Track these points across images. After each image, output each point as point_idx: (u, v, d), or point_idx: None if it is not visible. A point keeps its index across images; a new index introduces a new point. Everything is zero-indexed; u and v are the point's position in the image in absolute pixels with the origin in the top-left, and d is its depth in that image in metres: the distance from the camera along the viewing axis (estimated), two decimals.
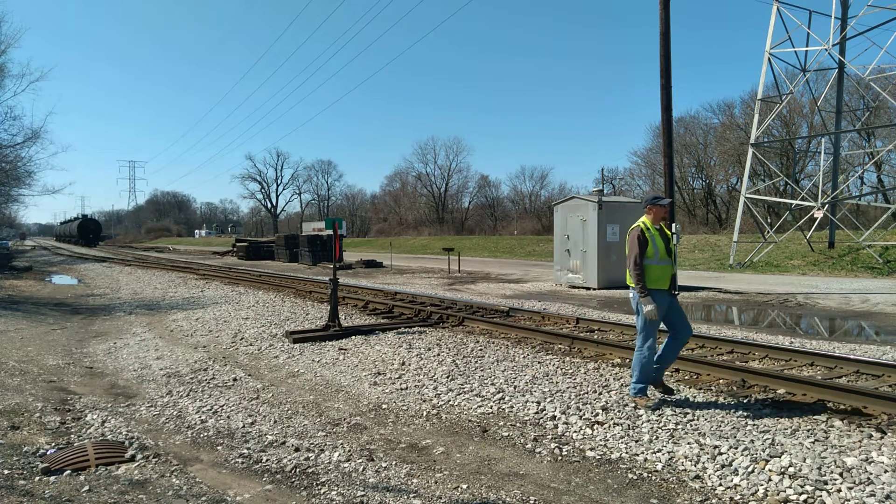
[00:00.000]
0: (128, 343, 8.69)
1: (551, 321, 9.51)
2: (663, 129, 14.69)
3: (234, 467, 3.99)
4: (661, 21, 14.13)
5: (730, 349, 6.99)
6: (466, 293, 14.86)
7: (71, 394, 5.91)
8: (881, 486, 3.34)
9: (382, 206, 79.22)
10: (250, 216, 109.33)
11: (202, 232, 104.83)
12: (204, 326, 9.78)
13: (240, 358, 7.46)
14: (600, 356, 6.96)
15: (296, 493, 3.55)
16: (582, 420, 4.65)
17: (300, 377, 6.42)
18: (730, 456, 3.82)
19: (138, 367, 7.08)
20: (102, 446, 4.27)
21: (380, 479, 3.73)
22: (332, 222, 9.53)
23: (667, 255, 4.96)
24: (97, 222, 73.41)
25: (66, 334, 9.56)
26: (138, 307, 12.79)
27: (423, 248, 42.00)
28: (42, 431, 4.65)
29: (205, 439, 4.56)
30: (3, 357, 7.53)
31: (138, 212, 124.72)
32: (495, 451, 4.19)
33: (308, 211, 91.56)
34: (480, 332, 8.77)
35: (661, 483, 3.60)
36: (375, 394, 5.67)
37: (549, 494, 3.48)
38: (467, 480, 3.69)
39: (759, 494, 3.36)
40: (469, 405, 5.21)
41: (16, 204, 31.25)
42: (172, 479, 3.75)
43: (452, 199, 73.98)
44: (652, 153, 48.25)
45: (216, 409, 5.25)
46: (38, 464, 3.91)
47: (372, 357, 7.08)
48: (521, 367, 6.37)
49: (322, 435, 4.55)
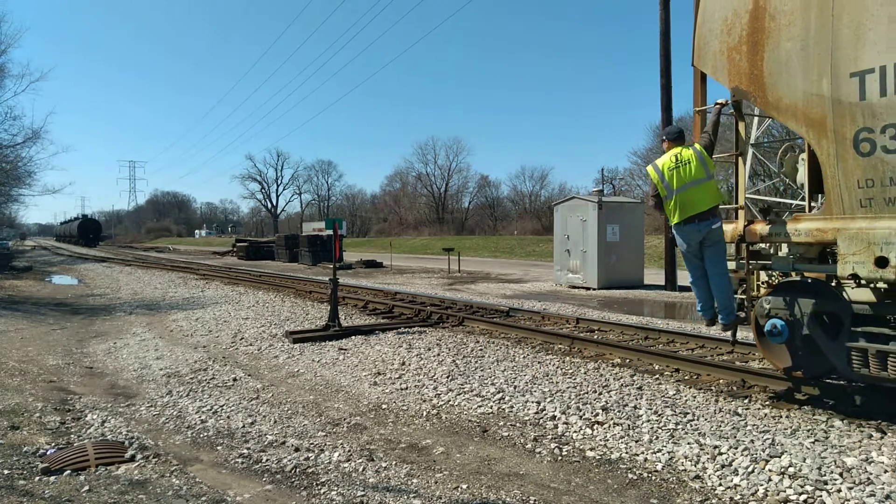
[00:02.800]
0: (128, 343, 8.69)
1: (551, 321, 9.51)
2: (663, 129, 14.68)
3: (233, 467, 3.99)
4: (661, 21, 14.14)
5: (729, 349, 6.99)
6: (466, 293, 14.86)
7: (71, 394, 5.91)
8: (881, 486, 3.34)
9: (382, 206, 79.21)
10: (250, 216, 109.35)
11: (202, 232, 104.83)
12: (204, 326, 9.78)
13: (240, 358, 7.46)
14: (600, 356, 6.96)
15: (296, 493, 3.55)
16: (582, 420, 4.65)
17: (300, 377, 6.42)
18: (730, 456, 3.82)
19: (138, 367, 7.08)
20: (102, 446, 4.27)
21: (380, 479, 3.73)
22: (332, 222, 9.53)
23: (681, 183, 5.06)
24: (97, 222, 73.36)
25: (66, 334, 9.56)
26: (138, 307, 12.79)
27: (423, 248, 42.01)
28: (42, 431, 4.65)
29: (205, 439, 4.56)
30: (3, 357, 7.53)
31: (138, 212, 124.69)
32: (495, 451, 4.19)
33: (308, 211, 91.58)
34: (480, 332, 8.77)
35: (661, 483, 3.60)
36: (375, 394, 5.67)
37: (549, 494, 3.48)
38: (467, 480, 3.69)
39: (759, 494, 3.36)
40: (469, 405, 5.21)
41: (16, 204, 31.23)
42: (172, 479, 3.75)
43: (452, 199, 74.03)
44: (652, 153, 48.26)
45: (216, 409, 5.25)
46: (38, 464, 3.91)
47: (372, 357, 7.08)
48: (521, 367, 6.37)
49: (322, 435, 4.56)
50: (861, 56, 4.17)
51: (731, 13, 5.05)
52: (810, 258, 4.88)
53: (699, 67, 5.45)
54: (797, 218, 4.75)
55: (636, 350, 6.96)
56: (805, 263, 4.90)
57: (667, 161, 5.16)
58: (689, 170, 5.02)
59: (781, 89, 4.69)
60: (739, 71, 4.99)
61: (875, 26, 4.08)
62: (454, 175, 73.23)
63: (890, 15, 4.01)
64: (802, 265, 4.91)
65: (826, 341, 4.69)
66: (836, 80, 4.31)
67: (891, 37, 4.03)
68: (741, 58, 4.97)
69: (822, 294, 4.77)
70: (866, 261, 4.16)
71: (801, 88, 4.55)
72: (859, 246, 4.23)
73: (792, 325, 4.87)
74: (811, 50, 4.46)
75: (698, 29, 5.39)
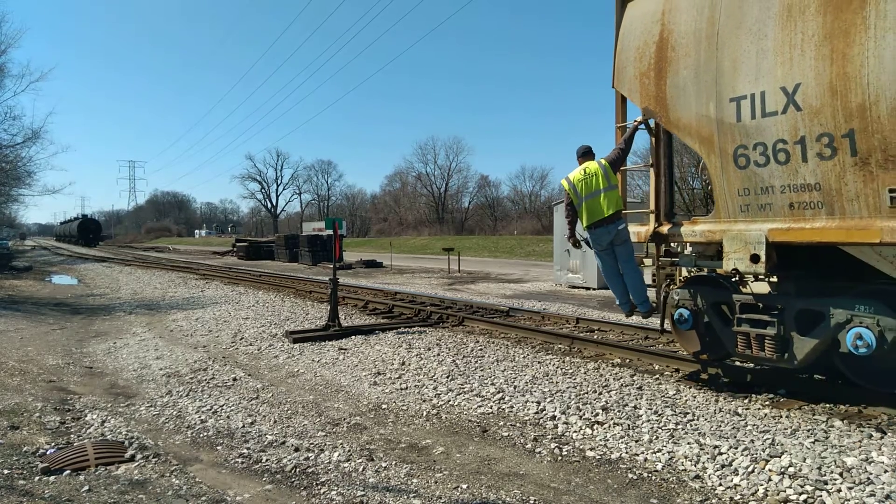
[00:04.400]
0: (128, 343, 8.69)
1: (551, 321, 9.50)
2: None
3: (233, 467, 3.99)
4: None
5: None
6: (466, 293, 14.86)
7: (71, 394, 5.91)
8: (881, 486, 3.34)
9: (382, 206, 79.21)
10: (250, 216, 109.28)
11: (202, 232, 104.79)
12: (204, 326, 9.78)
13: (239, 358, 7.45)
14: (600, 356, 6.96)
15: (296, 493, 3.55)
16: (582, 420, 4.65)
17: (300, 377, 6.42)
18: (730, 456, 3.82)
19: (138, 367, 7.07)
20: (102, 446, 4.27)
21: (380, 478, 3.73)
22: (332, 222, 9.53)
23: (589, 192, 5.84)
24: (97, 222, 73.34)
25: (65, 334, 9.56)
26: (138, 307, 12.79)
27: (422, 248, 42.01)
28: (42, 431, 4.65)
29: (204, 439, 4.56)
30: (3, 357, 7.53)
31: (138, 212, 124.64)
32: (495, 451, 4.19)
33: (308, 211, 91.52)
34: (480, 331, 8.77)
35: (661, 483, 3.60)
36: (375, 394, 5.67)
37: (549, 494, 3.48)
38: (467, 480, 3.68)
39: (759, 494, 3.36)
40: (469, 405, 5.21)
41: (16, 204, 31.29)
42: (172, 479, 3.75)
43: (452, 199, 74.03)
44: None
45: (216, 409, 5.25)
46: (37, 464, 3.91)
47: (372, 357, 7.08)
48: (521, 367, 6.37)
49: (322, 435, 4.55)
50: (737, 84, 4.85)
51: (642, 43, 5.74)
52: (709, 256, 5.46)
53: (618, 89, 6.14)
54: (694, 221, 5.48)
55: (636, 350, 6.96)
56: (705, 260, 5.51)
57: (577, 174, 5.92)
58: (594, 181, 5.80)
59: (680, 110, 5.37)
60: (648, 93, 5.68)
61: (747, 59, 4.78)
62: (454, 175, 73.29)
63: (758, 50, 4.70)
64: (703, 262, 5.54)
65: (721, 327, 5.42)
66: (720, 103, 4.99)
67: (759, 68, 4.70)
68: (650, 82, 5.65)
69: (718, 287, 5.49)
70: (744, 257, 4.91)
71: (694, 110, 5.23)
72: (739, 245, 4.96)
73: (695, 314, 5.59)
74: (701, 77, 5.14)
75: (617, 56, 6.06)
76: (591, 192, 5.79)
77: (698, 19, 5.18)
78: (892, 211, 4.09)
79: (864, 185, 4.22)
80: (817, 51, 4.34)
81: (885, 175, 4.10)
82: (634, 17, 5.89)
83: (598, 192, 5.77)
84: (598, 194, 5.76)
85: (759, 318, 5.01)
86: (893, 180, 4.06)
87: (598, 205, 5.77)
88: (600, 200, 5.76)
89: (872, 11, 4.06)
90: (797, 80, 4.46)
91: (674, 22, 5.42)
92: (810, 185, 4.51)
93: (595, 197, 5.78)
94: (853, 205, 4.31)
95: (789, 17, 4.52)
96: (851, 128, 4.19)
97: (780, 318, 4.91)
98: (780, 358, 4.91)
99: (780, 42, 4.56)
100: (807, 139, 4.45)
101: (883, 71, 3.99)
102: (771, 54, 4.61)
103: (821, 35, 4.33)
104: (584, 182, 5.82)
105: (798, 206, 4.62)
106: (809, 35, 4.39)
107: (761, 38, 4.68)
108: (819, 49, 4.33)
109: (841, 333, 4.52)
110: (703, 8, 5.15)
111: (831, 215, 4.45)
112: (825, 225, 4.47)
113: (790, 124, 4.53)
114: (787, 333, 4.87)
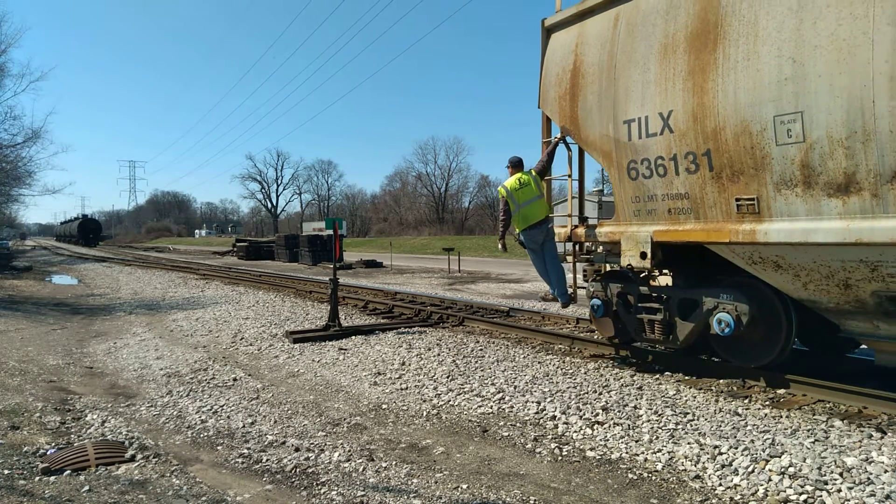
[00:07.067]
0: (128, 343, 8.69)
1: (551, 321, 9.50)
2: None
3: (234, 467, 3.99)
4: None
5: None
6: (466, 293, 14.86)
7: (71, 394, 5.91)
8: (881, 486, 3.34)
9: (382, 206, 79.24)
10: (250, 216, 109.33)
11: (202, 232, 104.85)
12: (204, 326, 9.78)
13: (240, 358, 7.46)
14: (600, 356, 6.96)
15: (296, 493, 3.56)
16: (582, 420, 4.65)
17: (300, 377, 6.42)
18: (730, 456, 3.82)
19: (138, 367, 7.08)
20: (102, 446, 4.27)
21: (380, 479, 3.73)
22: (332, 222, 9.53)
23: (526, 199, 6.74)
24: (97, 222, 73.36)
25: (66, 334, 9.56)
26: (138, 307, 12.79)
27: (423, 248, 42.00)
28: (42, 431, 4.65)
29: (205, 439, 4.56)
30: (3, 357, 7.53)
31: (138, 212, 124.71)
32: (495, 451, 4.19)
33: (308, 211, 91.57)
34: (480, 332, 8.77)
35: (661, 483, 3.60)
36: (375, 394, 5.67)
37: (549, 494, 3.48)
38: (467, 480, 3.69)
39: (760, 494, 3.36)
40: (469, 405, 5.21)
41: (16, 204, 31.25)
42: (172, 479, 3.75)
43: (452, 199, 74.08)
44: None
45: (216, 409, 5.25)
46: (38, 464, 3.91)
47: (372, 357, 7.08)
48: (522, 367, 6.37)
49: (322, 435, 4.55)
50: (628, 109, 5.71)
51: (561, 69, 6.59)
52: (616, 253, 6.09)
53: (543, 110, 6.97)
54: (601, 224, 6.31)
55: None
56: (613, 257, 6.23)
57: (513, 182, 6.76)
58: (528, 190, 6.70)
59: (588, 129, 6.24)
60: (565, 114, 6.55)
61: (636, 88, 5.62)
62: (454, 175, 73.36)
63: (644, 81, 5.54)
64: (611, 259, 6.33)
65: (626, 315, 6.36)
66: (616, 125, 5.85)
67: (644, 96, 5.54)
68: (566, 104, 6.50)
69: (627, 280, 6.35)
70: (636, 255, 5.74)
71: (598, 130, 6.10)
72: (632, 244, 5.80)
73: (606, 304, 6.54)
74: (603, 102, 6.00)
75: (542, 80, 6.90)
76: (527, 200, 6.69)
77: (601, 53, 6.03)
78: (739, 216, 4.93)
79: (718, 194, 5.07)
80: (684, 84, 5.18)
81: (733, 187, 4.93)
82: (555, 48, 6.73)
83: (532, 199, 6.70)
84: (533, 201, 6.70)
85: (650, 306, 6.02)
86: (739, 191, 4.89)
87: (532, 210, 6.70)
88: (535, 207, 6.70)
89: (721, 53, 4.87)
90: (670, 107, 5.30)
91: (584, 54, 6.27)
92: (682, 195, 5.39)
93: (530, 204, 6.69)
94: (712, 211, 5.16)
95: (665, 55, 5.35)
96: (708, 148, 5.03)
97: (667, 306, 5.92)
98: (667, 339, 5.97)
99: (659, 75, 5.40)
100: (678, 156, 5.31)
101: (728, 103, 4.82)
102: (653, 85, 5.45)
103: (686, 71, 5.16)
104: (521, 191, 6.70)
105: (674, 211, 5.50)
106: (679, 70, 5.22)
107: (646, 72, 5.51)
108: (685, 82, 5.17)
109: (711, 318, 5.49)
110: (605, 43, 5.99)
111: (697, 219, 5.31)
112: (693, 227, 5.33)
113: (666, 144, 5.38)
114: (672, 318, 5.89)
